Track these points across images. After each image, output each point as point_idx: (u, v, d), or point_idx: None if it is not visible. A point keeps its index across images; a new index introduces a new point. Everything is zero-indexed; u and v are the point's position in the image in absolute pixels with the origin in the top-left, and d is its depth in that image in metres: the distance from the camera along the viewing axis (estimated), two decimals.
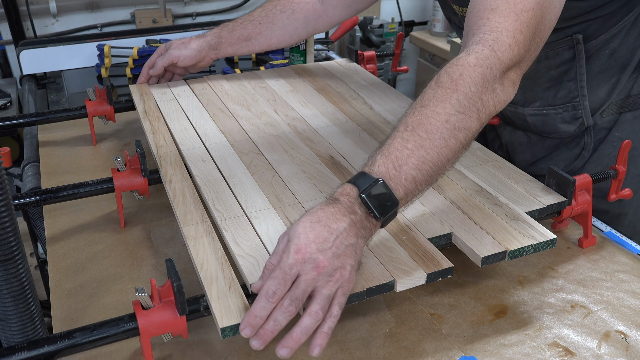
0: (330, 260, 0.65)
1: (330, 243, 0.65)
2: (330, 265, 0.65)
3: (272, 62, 1.71)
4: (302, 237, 0.65)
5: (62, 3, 2.14)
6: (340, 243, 0.66)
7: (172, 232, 0.97)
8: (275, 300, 0.64)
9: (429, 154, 0.70)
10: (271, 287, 0.64)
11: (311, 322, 0.64)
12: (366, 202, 0.68)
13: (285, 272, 0.64)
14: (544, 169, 1.15)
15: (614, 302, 0.82)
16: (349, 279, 0.66)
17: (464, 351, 0.74)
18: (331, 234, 0.65)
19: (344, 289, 0.66)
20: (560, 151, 1.13)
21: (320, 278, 0.65)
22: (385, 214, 0.68)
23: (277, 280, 0.64)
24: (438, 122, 0.71)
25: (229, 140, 1.04)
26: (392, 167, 0.69)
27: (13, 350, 0.64)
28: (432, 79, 0.76)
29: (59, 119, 1.23)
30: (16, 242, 0.64)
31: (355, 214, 0.68)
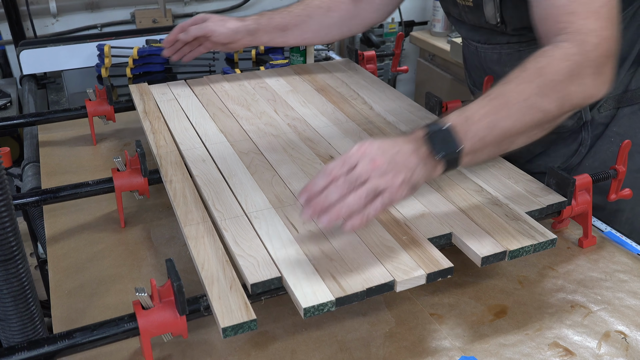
0: (387, 162, 0.72)
1: (391, 152, 0.72)
2: (384, 165, 0.71)
3: (272, 62, 1.71)
4: (370, 142, 0.73)
5: (62, 3, 2.14)
6: (400, 158, 0.72)
7: (172, 232, 0.97)
8: (332, 177, 0.71)
9: (502, 121, 0.76)
10: (331, 166, 0.72)
11: (354, 201, 0.70)
12: (430, 141, 0.74)
13: (345, 158, 0.72)
14: (541, 166, 1.15)
15: (614, 302, 0.82)
16: (397, 188, 0.72)
17: (464, 351, 0.74)
18: (394, 148, 0.73)
19: (391, 194, 0.71)
20: (557, 147, 1.13)
21: (374, 173, 0.71)
22: (445, 155, 0.74)
23: (338, 163, 0.72)
24: (517, 98, 0.76)
25: (229, 140, 1.04)
26: (464, 120, 0.75)
27: (13, 350, 0.64)
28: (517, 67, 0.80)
29: (59, 119, 1.23)
30: (16, 242, 0.64)
31: (420, 148, 0.74)
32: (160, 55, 1.45)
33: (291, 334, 0.77)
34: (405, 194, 0.73)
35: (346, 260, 0.72)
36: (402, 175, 0.72)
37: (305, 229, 0.79)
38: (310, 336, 0.77)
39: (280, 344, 0.76)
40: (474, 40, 1.12)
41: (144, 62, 1.74)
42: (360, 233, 0.78)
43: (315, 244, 0.75)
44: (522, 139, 0.79)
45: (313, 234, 0.77)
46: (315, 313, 0.66)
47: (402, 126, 1.09)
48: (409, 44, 2.70)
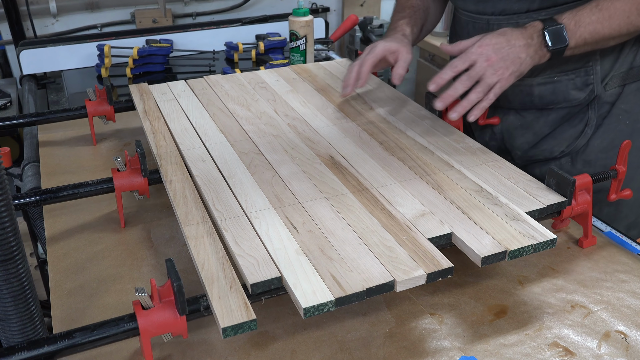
0: (499, 59, 0.94)
1: (504, 50, 0.95)
2: (499, 62, 0.94)
3: (272, 62, 1.71)
4: (487, 40, 0.96)
5: (62, 3, 2.14)
6: (511, 52, 0.95)
7: (172, 232, 0.97)
8: (455, 71, 0.97)
9: (604, 30, 0.96)
10: (455, 62, 0.97)
11: (475, 97, 0.96)
12: (544, 34, 0.96)
13: (467, 56, 0.96)
14: (545, 151, 1.16)
15: (614, 302, 0.82)
16: (507, 79, 0.96)
17: (464, 351, 0.74)
18: (507, 44, 0.95)
19: (502, 84, 0.96)
20: (563, 128, 1.14)
21: (488, 69, 0.95)
22: (555, 47, 0.96)
23: (461, 60, 0.97)
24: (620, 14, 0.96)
25: (229, 140, 1.04)
26: (574, 23, 0.96)
27: (13, 350, 0.64)
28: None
29: (59, 119, 1.23)
30: (16, 242, 0.64)
31: (533, 40, 0.96)
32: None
33: (291, 334, 0.77)
34: (512, 82, 0.97)
35: (346, 260, 0.72)
36: (512, 68, 0.95)
37: (305, 229, 0.79)
38: (310, 336, 0.77)
39: (280, 344, 0.76)
40: (485, 13, 1.11)
41: (144, 62, 1.74)
42: (360, 233, 0.78)
43: (315, 244, 0.75)
44: (613, 42, 1.00)
45: (313, 234, 0.77)
46: (315, 313, 0.66)
47: (402, 126, 1.09)
48: None
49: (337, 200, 0.85)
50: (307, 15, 1.55)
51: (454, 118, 0.97)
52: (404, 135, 1.06)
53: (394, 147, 1.01)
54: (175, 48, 1.84)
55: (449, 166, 0.95)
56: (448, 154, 0.98)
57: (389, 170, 0.94)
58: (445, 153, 0.99)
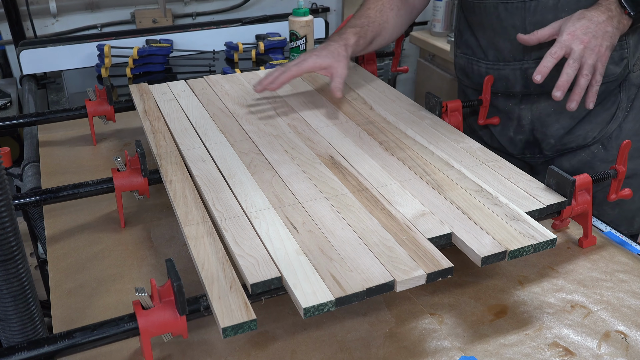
0: (591, 39, 0.97)
1: (591, 30, 0.98)
2: (591, 42, 0.97)
3: (272, 62, 1.71)
4: (572, 27, 0.98)
5: (62, 3, 2.14)
6: (598, 29, 0.98)
7: (172, 232, 0.97)
8: (555, 57, 0.98)
9: None
10: (553, 49, 0.99)
11: (583, 82, 0.98)
12: (622, 2, 1.00)
13: (563, 44, 0.98)
14: (579, 137, 1.17)
15: (614, 302, 0.82)
16: (604, 54, 0.98)
17: (464, 351, 0.74)
18: (592, 24, 0.98)
19: (602, 61, 0.98)
20: (597, 111, 1.14)
21: (586, 51, 0.97)
22: (636, 11, 0.99)
23: (558, 47, 0.98)
24: None
25: (229, 140, 1.04)
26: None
27: (13, 350, 0.64)
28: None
29: (59, 119, 1.23)
30: (16, 242, 0.64)
31: (612, 12, 0.99)
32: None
33: (291, 334, 0.77)
34: (609, 55, 1.00)
35: (346, 260, 0.72)
36: (606, 43, 0.98)
37: (305, 229, 0.79)
38: (310, 336, 0.77)
39: (280, 344, 0.76)
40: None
41: (144, 62, 1.74)
42: (360, 233, 0.78)
43: (315, 244, 0.75)
44: None
45: (313, 234, 0.77)
46: (315, 313, 0.66)
47: (402, 126, 1.09)
48: (409, 44, 2.70)
49: (337, 200, 0.85)
50: (307, 15, 1.55)
51: (573, 108, 0.99)
52: (404, 135, 1.06)
53: (394, 147, 1.01)
54: (175, 48, 1.84)
55: (449, 166, 0.95)
56: (448, 154, 0.98)
57: (389, 170, 0.94)
58: (445, 153, 0.99)
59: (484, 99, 1.20)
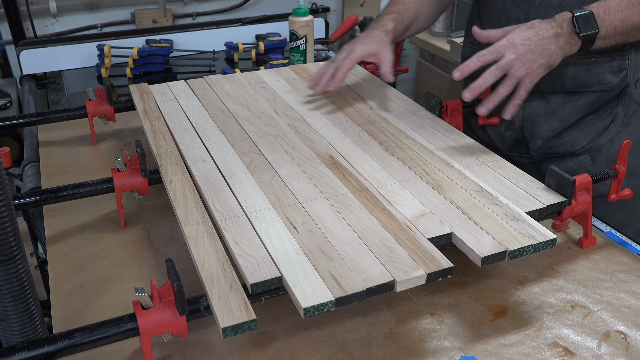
0: (527, 52, 0.93)
1: (532, 42, 0.94)
2: (525, 55, 0.93)
3: (272, 62, 1.71)
4: (515, 34, 0.95)
5: (62, 3, 2.14)
6: (540, 44, 0.94)
7: (172, 232, 0.97)
8: (482, 61, 0.95)
9: (634, 17, 0.96)
10: (483, 52, 0.95)
11: (503, 91, 0.95)
12: (574, 21, 0.94)
13: (495, 49, 0.95)
14: (567, 143, 1.15)
15: (614, 302, 0.82)
16: (536, 71, 0.95)
17: (464, 351, 0.74)
18: (536, 37, 0.94)
19: (531, 78, 0.95)
20: (589, 120, 1.13)
21: (516, 62, 0.94)
22: (585, 33, 0.95)
23: (489, 51, 0.95)
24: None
25: (229, 140, 1.04)
26: (603, 11, 0.96)
27: (13, 350, 0.64)
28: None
29: (59, 119, 1.23)
30: (16, 242, 0.64)
31: (562, 29, 0.95)
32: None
33: (291, 334, 0.77)
34: (542, 75, 0.96)
35: (346, 260, 0.72)
36: (541, 60, 0.94)
37: (305, 229, 0.79)
38: (310, 336, 0.77)
39: (280, 344, 0.76)
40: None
41: (144, 62, 1.74)
42: (360, 233, 0.78)
43: (315, 244, 0.75)
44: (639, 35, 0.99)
45: (313, 234, 0.77)
46: (315, 313, 0.66)
47: (402, 126, 1.09)
48: (409, 44, 2.70)
49: (337, 200, 0.85)
50: (307, 15, 1.55)
51: (483, 113, 0.97)
52: (404, 135, 1.06)
53: (394, 147, 1.01)
54: (175, 48, 1.84)
55: (449, 166, 0.95)
56: (448, 154, 0.98)
57: (389, 170, 0.94)
58: (445, 153, 0.99)
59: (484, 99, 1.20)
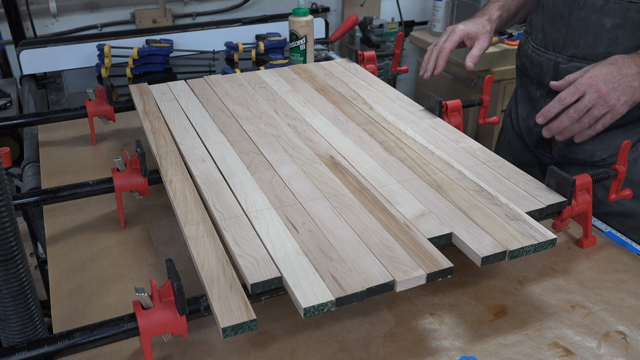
0: (610, 91, 0.92)
1: (615, 80, 0.93)
2: (608, 94, 0.92)
3: (272, 62, 1.71)
4: (597, 71, 0.94)
5: (62, 3, 2.14)
6: (623, 82, 0.93)
7: (172, 232, 0.97)
8: (563, 104, 0.96)
9: None
10: (564, 95, 0.95)
11: (576, 128, 0.97)
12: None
13: (576, 88, 0.94)
14: (587, 151, 1.14)
15: (614, 302, 0.82)
16: (619, 109, 0.94)
17: (464, 351, 0.74)
18: (619, 74, 0.93)
19: (613, 114, 0.95)
20: (614, 134, 1.11)
21: (598, 101, 0.93)
22: None
23: (570, 92, 0.95)
24: None
25: (229, 140, 1.04)
26: None
27: (13, 350, 0.64)
28: None
29: (59, 119, 1.23)
30: (16, 242, 0.64)
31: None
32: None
33: (291, 334, 0.77)
34: (625, 111, 0.95)
35: (346, 260, 0.72)
36: (625, 98, 0.93)
37: (305, 229, 0.79)
38: (310, 336, 0.77)
39: (280, 344, 0.76)
40: None
41: (144, 62, 1.74)
42: (360, 233, 0.78)
43: (315, 244, 0.75)
44: None
45: (313, 234, 0.77)
46: (315, 313, 0.66)
47: (402, 126, 1.09)
48: (409, 44, 2.70)
49: (337, 200, 0.85)
50: (307, 15, 1.55)
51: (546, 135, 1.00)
52: (404, 135, 1.06)
53: (394, 147, 1.01)
54: (175, 48, 1.84)
55: (449, 166, 0.95)
56: (448, 154, 0.98)
57: (389, 170, 0.94)
58: (445, 153, 0.99)
59: (484, 99, 1.20)
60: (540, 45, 1.18)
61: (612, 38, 1.04)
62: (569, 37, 1.10)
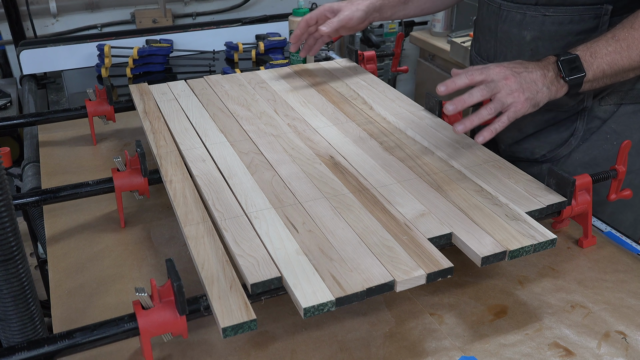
0: (517, 81, 0.89)
1: (520, 73, 0.90)
2: (514, 83, 0.89)
3: (272, 62, 1.71)
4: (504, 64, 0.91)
5: (62, 3, 2.14)
6: (529, 79, 0.90)
7: (172, 232, 0.97)
8: (470, 79, 0.90)
9: (622, 60, 0.92)
10: (472, 71, 0.91)
11: (485, 113, 0.89)
12: (559, 65, 0.91)
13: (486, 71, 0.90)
14: (526, 150, 1.17)
15: (614, 302, 0.82)
16: (522, 104, 0.90)
17: (464, 351, 0.74)
18: (524, 70, 0.91)
19: (515, 109, 0.90)
20: (549, 132, 1.13)
21: (504, 88, 0.89)
22: (571, 77, 0.91)
23: (479, 70, 0.91)
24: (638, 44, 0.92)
25: (229, 140, 1.04)
26: (589, 54, 0.92)
27: (13, 350, 0.64)
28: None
29: (59, 119, 1.23)
30: (16, 242, 0.64)
31: (548, 72, 0.92)
32: (288, 50, 1.44)
33: (291, 334, 0.77)
34: (527, 110, 0.91)
35: (346, 260, 0.72)
36: (528, 93, 0.90)
37: (305, 229, 0.79)
38: (310, 336, 0.77)
39: (280, 344, 0.76)
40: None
41: (144, 62, 1.74)
42: (360, 233, 0.78)
43: (315, 244, 0.75)
44: (633, 74, 0.96)
45: (313, 234, 0.77)
46: (315, 313, 0.66)
47: (402, 126, 1.09)
48: (409, 44, 2.70)
49: (337, 200, 0.85)
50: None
51: (459, 131, 0.90)
52: (404, 135, 1.06)
53: (394, 147, 1.01)
54: (175, 48, 1.84)
55: (449, 166, 0.95)
56: (448, 154, 0.98)
57: (389, 170, 0.94)
58: (445, 153, 0.99)
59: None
60: (478, 54, 1.22)
61: (533, 49, 1.07)
62: (497, 48, 1.14)
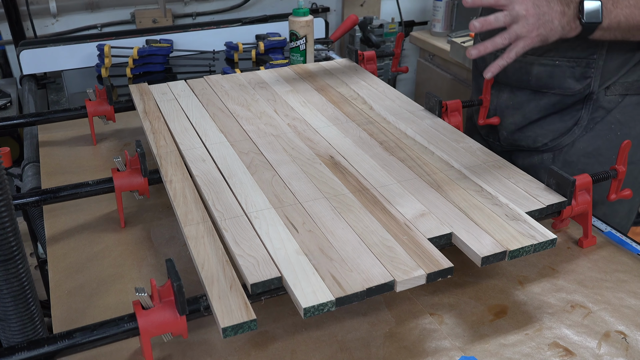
0: (535, 17, 0.93)
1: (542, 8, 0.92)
2: (533, 18, 0.92)
3: (272, 62, 1.71)
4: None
5: (62, 3, 2.14)
6: (547, 17, 0.93)
7: (172, 232, 0.97)
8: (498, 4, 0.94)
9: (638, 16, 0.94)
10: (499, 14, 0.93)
11: (498, 41, 0.94)
12: (582, 6, 0.94)
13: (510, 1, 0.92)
14: (529, 138, 1.17)
15: (614, 302, 0.82)
16: (533, 39, 0.94)
17: (464, 351, 0.74)
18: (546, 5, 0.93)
19: (525, 43, 0.94)
20: (552, 119, 1.14)
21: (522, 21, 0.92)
22: (588, 21, 0.94)
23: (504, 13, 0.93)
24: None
25: (229, 140, 1.04)
26: (611, 2, 0.94)
27: (13, 350, 0.64)
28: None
29: (59, 119, 1.23)
30: (16, 242, 0.64)
31: (569, 9, 0.94)
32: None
33: (291, 334, 0.77)
34: (535, 45, 0.95)
35: (346, 260, 0.72)
36: (541, 30, 0.93)
37: (305, 229, 0.79)
38: (310, 336, 0.77)
39: (280, 344, 0.76)
40: None
41: (144, 62, 1.74)
42: (360, 233, 0.78)
43: (315, 244, 0.75)
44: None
45: (313, 234, 0.77)
46: (315, 313, 0.66)
47: (402, 126, 1.09)
48: (409, 44, 2.70)
49: (337, 200, 0.85)
50: (307, 15, 1.55)
51: (473, 55, 0.95)
52: (404, 135, 1.06)
53: (394, 147, 1.01)
54: (175, 48, 1.84)
55: (449, 166, 0.95)
56: (448, 154, 0.98)
57: (389, 170, 0.94)
58: (445, 153, 0.99)
59: (484, 98, 1.20)
60: (482, 39, 1.21)
61: None
62: None
